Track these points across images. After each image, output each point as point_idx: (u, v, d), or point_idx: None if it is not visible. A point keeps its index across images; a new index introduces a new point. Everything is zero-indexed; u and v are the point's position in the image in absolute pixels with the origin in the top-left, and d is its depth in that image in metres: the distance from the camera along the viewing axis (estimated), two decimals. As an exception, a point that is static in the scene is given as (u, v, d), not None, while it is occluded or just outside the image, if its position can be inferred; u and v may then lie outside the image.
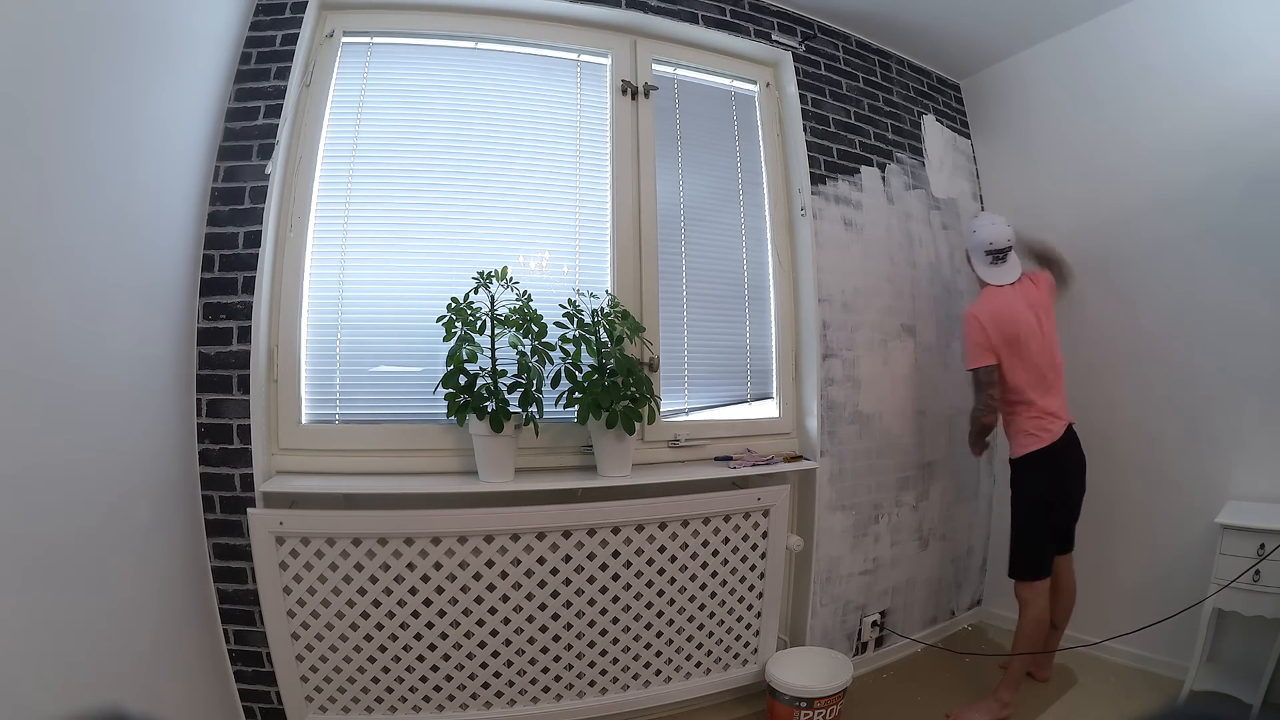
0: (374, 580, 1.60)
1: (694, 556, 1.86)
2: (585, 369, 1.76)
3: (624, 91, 2.07)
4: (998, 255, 2.09)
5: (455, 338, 1.62)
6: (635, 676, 1.86)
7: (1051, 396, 2.02)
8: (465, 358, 1.60)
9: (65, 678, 1.09)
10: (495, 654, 1.71)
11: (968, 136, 2.84)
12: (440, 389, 1.62)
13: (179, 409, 1.55)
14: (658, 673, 1.89)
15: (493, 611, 1.69)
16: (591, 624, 1.79)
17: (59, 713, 0.92)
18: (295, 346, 1.72)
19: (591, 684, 1.81)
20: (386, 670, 1.64)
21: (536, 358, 1.69)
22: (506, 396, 1.65)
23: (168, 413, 1.50)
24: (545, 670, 1.76)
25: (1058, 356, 2.06)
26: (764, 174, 2.29)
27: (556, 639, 1.76)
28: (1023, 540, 2.03)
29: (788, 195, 2.28)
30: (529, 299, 1.71)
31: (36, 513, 1.05)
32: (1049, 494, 2.02)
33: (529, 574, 1.70)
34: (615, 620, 1.80)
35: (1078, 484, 2.07)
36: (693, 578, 1.87)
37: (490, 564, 1.66)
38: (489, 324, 1.66)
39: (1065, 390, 2.07)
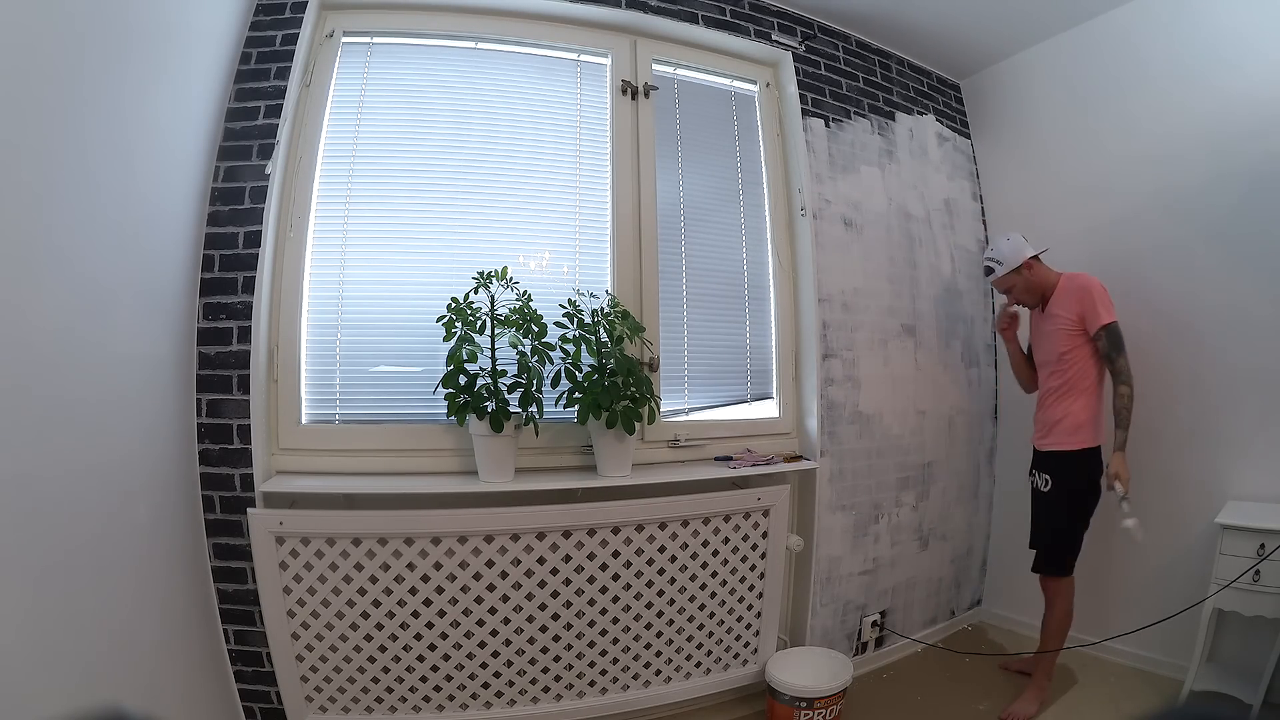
0: (374, 580, 1.60)
1: (694, 556, 1.86)
2: (585, 369, 1.76)
3: (624, 91, 2.07)
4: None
5: (455, 338, 1.62)
6: (635, 676, 1.86)
7: None
8: (465, 358, 1.60)
9: (66, 677, 1.09)
10: (495, 654, 1.71)
11: (968, 136, 2.84)
12: (440, 389, 1.62)
13: (179, 409, 1.55)
14: (658, 673, 1.89)
15: (493, 611, 1.69)
16: (591, 624, 1.79)
17: (59, 713, 0.92)
18: (295, 346, 1.72)
19: (591, 684, 1.81)
20: (386, 670, 1.64)
21: (536, 358, 1.69)
22: (506, 396, 1.65)
23: (168, 413, 1.50)
24: (545, 670, 1.76)
25: None
26: (764, 174, 2.29)
27: (556, 639, 1.76)
28: (1072, 532, 2.03)
29: (788, 195, 2.28)
30: (529, 299, 1.71)
31: (37, 513, 1.05)
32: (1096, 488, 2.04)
33: (529, 574, 1.70)
34: (615, 620, 1.80)
35: None
36: (693, 578, 1.87)
37: (490, 564, 1.66)
38: (489, 324, 1.66)
39: None
